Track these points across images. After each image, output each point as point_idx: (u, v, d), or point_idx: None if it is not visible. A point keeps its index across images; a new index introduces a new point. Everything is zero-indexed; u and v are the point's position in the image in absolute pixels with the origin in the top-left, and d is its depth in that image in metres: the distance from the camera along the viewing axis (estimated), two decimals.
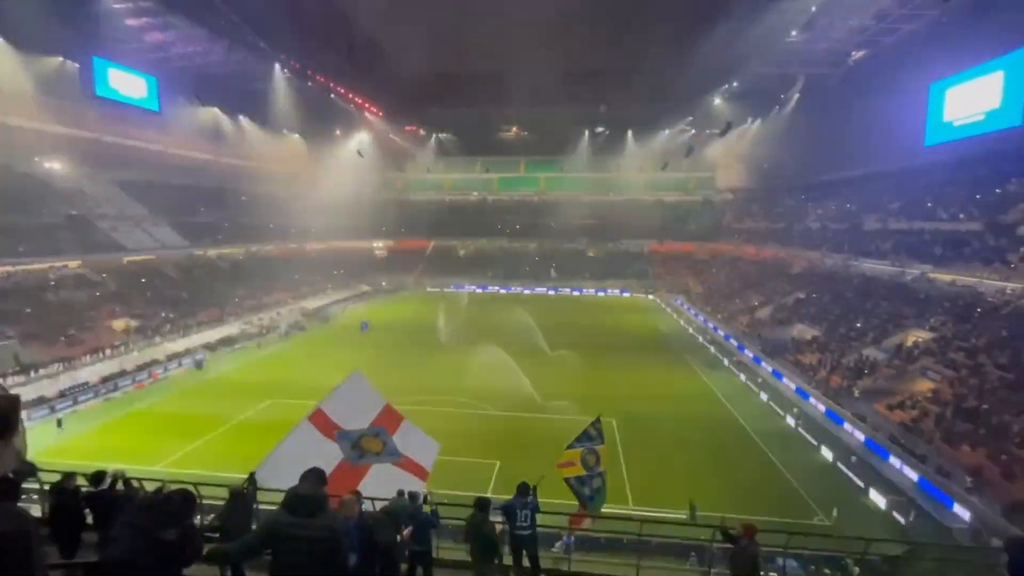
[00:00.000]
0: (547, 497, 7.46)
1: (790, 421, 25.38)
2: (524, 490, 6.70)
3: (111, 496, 5.83)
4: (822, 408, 26.32)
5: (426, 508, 6.64)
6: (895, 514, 17.46)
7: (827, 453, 21.94)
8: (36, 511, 5.83)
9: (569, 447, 8.40)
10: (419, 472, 7.43)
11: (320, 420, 7.05)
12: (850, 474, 20.21)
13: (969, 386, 22.27)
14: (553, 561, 9.05)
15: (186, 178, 57.04)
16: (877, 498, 18.48)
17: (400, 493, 6.62)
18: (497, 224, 76.86)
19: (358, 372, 8.20)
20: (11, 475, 4.64)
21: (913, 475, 19.34)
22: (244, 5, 42.75)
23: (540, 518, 6.83)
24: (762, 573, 5.88)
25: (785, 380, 30.64)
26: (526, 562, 6.60)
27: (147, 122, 50.09)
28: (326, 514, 3.05)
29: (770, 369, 32.77)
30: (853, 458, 20.95)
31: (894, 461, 20.47)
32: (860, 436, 22.96)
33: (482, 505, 6.16)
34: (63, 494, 5.86)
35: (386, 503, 6.22)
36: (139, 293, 39.76)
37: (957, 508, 17.18)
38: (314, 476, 3.72)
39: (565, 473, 8.15)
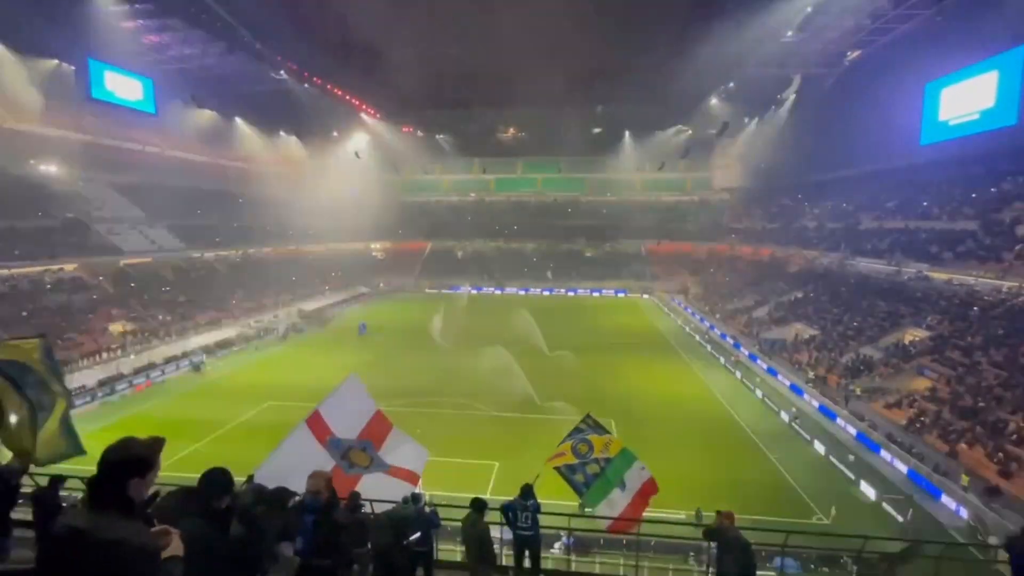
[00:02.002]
0: (544, 498, 7.46)
1: (784, 417, 25.52)
2: (527, 492, 6.72)
3: None
4: (815, 404, 26.58)
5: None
6: (889, 508, 17.59)
7: (820, 448, 22.16)
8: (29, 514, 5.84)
9: (560, 443, 8.41)
10: (410, 478, 7.42)
11: (315, 424, 7.06)
12: (843, 468, 20.43)
13: (966, 384, 22.40)
14: (554, 562, 9.05)
15: (183, 180, 56.78)
16: (867, 490, 18.73)
17: (405, 500, 6.58)
18: (495, 225, 76.81)
19: (354, 375, 8.21)
20: (4, 474, 4.68)
21: (903, 467, 19.78)
22: (240, 7, 42.66)
23: (540, 519, 6.83)
24: (760, 573, 5.82)
25: (780, 377, 30.83)
26: (527, 563, 6.61)
27: (144, 124, 49.94)
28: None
29: (765, 367, 32.93)
30: (851, 457, 21.08)
31: (885, 454, 20.83)
32: (852, 431, 23.32)
33: (477, 506, 6.17)
34: (49, 497, 5.87)
35: (390, 508, 6.22)
36: (136, 296, 39.60)
37: (945, 499, 17.52)
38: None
39: (556, 463, 8.10)
